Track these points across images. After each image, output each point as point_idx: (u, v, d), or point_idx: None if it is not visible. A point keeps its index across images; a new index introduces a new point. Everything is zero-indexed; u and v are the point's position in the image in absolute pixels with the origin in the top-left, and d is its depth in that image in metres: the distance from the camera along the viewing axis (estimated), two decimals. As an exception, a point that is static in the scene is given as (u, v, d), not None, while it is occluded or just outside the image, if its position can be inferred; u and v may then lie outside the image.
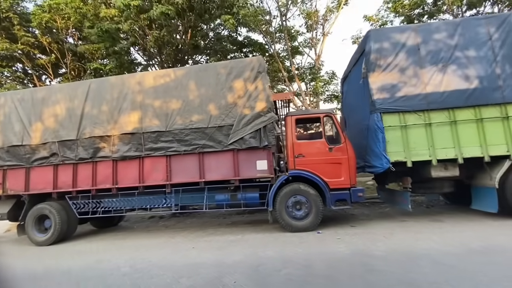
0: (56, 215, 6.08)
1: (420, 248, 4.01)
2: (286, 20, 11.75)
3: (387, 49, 5.57)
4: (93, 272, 4.12)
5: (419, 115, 5.35)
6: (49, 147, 6.29)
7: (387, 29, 6.28)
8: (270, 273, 3.52)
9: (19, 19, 11.29)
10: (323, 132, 5.73)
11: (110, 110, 6.18)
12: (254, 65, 5.84)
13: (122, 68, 11.37)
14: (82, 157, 6.12)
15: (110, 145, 6.08)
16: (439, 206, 7.42)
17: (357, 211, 7.33)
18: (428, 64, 5.44)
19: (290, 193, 5.50)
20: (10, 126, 6.51)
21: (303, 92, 12.19)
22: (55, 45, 11.98)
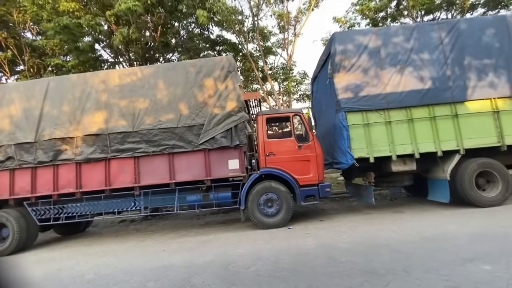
0: (14, 223, 5.67)
1: (381, 238, 4.29)
2: (259, 20, 11.87)
3: (350, 51, 5.85)
4: (53, 281, 3.91)
5: (380, 113, 5.69)
6: (4, 150, 5.84)
7: (351, 32, 6.60)
8: (239, 270, 3.57)
9: (-32, 11, 10.28)
10: (292, 131, 5.90)
11: (72, 110, 5.86)
12: (224, 64, 5.85)
13: (87, 65, 10.78)
14: (41, 161, 5.75)
15: (73, 147, 5.78)
16: (401, 198, 7.94)
17: (327, 205, 7.64)
18: (387, 65, 5.80)
19: (261, 191, 5.60)
20: (-42, 128, 5.94)
21: (275, 91, 12.39)
22: (11, 40, 11.06)
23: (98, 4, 9.25)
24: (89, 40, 10.53)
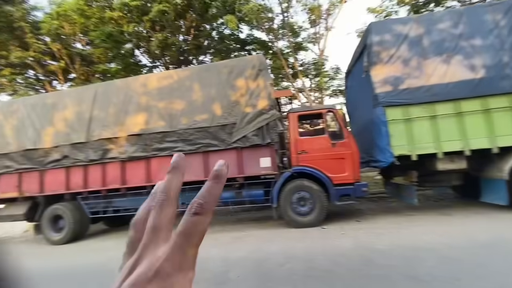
0: (69, 215, 6.34)
1: (425, 242, 3.98)
2: (289, 16, 11.70)
3: (388, 41, 5.49)
4: (106, 268, 4.29)
5: (423, 107, 5.26)
6: (60, 150, 6.53)
7: (389, 21, 6.18)
8: (273, 267, 3.58)
9: (30, 27, 11.68)
10: (325, 128, 5.73)
11: (117, 113, 6.36)
12: (255, 63, 5.88)
13: (128, 70, 11.62)
14: (92, 159, 6.33)
15: (118, 147, 6.27)
16: (448, 199, 7.27)
17: (364, 206, 7.29)
18: (431, 55, 5.33)
19: (294, 189, 5.54)
20: (24, 131, 6.79)
21: (307, 88, 12.12)
22: (64, 51, 12.35)
23: (138, 12, 9.93)
24: (130, 47, 11.34)
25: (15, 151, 6.77)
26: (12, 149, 6.79)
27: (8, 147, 6.83)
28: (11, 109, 7.05)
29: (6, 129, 6.94)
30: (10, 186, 6.81)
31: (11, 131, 6.90)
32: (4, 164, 6.82)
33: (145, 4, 10.05)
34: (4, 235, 8.84)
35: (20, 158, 6.73)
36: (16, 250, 6.64)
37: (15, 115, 6.96)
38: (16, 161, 6.75)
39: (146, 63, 13.01)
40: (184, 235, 0.25)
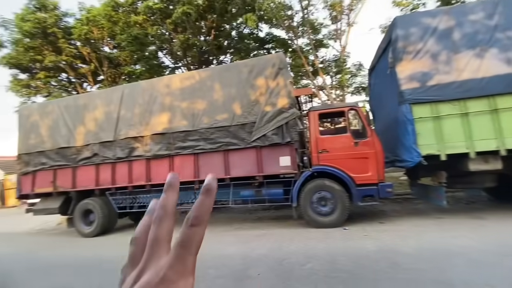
0: (99, 210, 6.71)
1: (456, 246, 3.78)
2: (309, 13, 11.50)
3: (415, 35, 5.24)
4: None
5: (454, 104, 4.97)
6: (91, 148, 6.92)
7: (416, 14, 5.88)
8: (293, 267, 3.57)
9: (62, 33, 12.46)
10: (347, 127, 5.59)
11: (142, 113, 6.62)
12: (275, 61, 5.86)
13: (151, 71, 12.04)
14: (119, 157, 6.65)
15: (143, 145, 6.53)
16: (481, 202, 6.83)
17: (388, 207, 7.04)
18: (463, 48, 5.02)
19: (314, 189, 5.47)
20: (58, 130, 7.28)
21: (327, 86, 11.87)
22: (93, 55, 13.05)
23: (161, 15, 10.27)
24: (153, 49, 11.75)
25: (50, 149, 7.27)
26: (48, 147, 7.29)
27: (44, 145, 7.35)
28: (46, 110, 7.57)
29: (42, 129, 7.47)
30: (45, 181, 7.32)
31: (47, 130, 7.42)
32: (40, 161, 7.35)
33: (167, 7, 10.36)
34: (39, 227, 9.53)
35: (55, 155, 7.21)
36: (51, 241, 7.14)
37: (50, 115, 7.47)
38: (51, 158, 7.25)
39: (168, 64, 13.43)
40: (183, 245, 0.28)
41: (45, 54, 12.40)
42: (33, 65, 13.02)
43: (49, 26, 12.23)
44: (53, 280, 3.95)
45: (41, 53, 12.57)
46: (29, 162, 7.46)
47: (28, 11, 12.36)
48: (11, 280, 4.11)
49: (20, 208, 13.55)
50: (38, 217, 8.54)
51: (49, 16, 12.37)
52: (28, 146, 7.51)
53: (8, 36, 12.68)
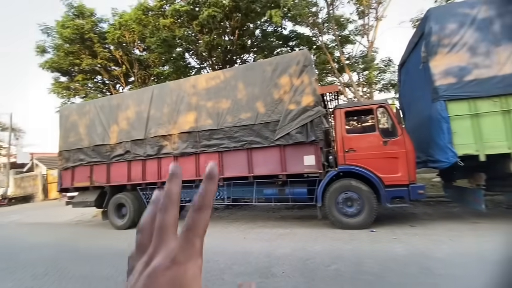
0: (131, 204, 7.11)
1: (493, 253, 3.50)
2: (334, 9, 11.20)
3: (451, 27, 4.90)
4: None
5: (495, 101, 4.59)
6: (123, 145, 7.35)
7: (451, 5, 5.48)
8: (318, 267, 3.54)
9: (98, 37, 13.31)
10: (376, 125, 5.39)
11: (170, 112, 6.90)
12: (299, 59, 5.80)
13: (178, 72, 12.46)
14: (149, 154, 6.99)
15: (171, 143, 6.81)
16: (526, 207, 6.24)
17: (419, 210, 6.68)
18: (505, 40, 4.61)
19: (340, 189, 5.35)
20: (94, 129, 7.81)
21: (354, 83, 11.48)
22: (125, 57, 13.80)
23: (187, 17, 10.61)
24: (180, 50, 12.16)
25: (87, 146, 7.83)
26: (85, 145, 7.86)
27: (82, 143, 7.93)
28: (84, 110, 8.15)
29: (80, 128, 8.07)
30: (83, 176, 7.91)
31: (84, 129, 7.99)
32: (78, 157, 7.94)
33: (193, 9, 10.66)
34: (77, 218, 10.31)
35: (91, 152, 7.76)
36: (87, 232, 7.70)
37: (87, 115, 8.04)
38: (88, 155, 7.80)
39: (194, 65, 13.82)
40: (190, 229, 0.29)
41: (82, 58, 13.34)
42: (72, 69, 14.07)
43: (86, 31, 13.13)
44: (87, 268, 4.26)
45: (79, 57, 13.54)
46: (69, 158, 8.10)
47: (68, 18, 13.37)
48: (53, 267, 4.51)
49: (61, 200, 14.76)
50: (76, 209, 9.24)
51: (86, 23, 13.27)
52: (68, 143, 8.15)
53: (51, 42, 13.82)
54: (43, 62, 13.62)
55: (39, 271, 4.29)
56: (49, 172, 21.16)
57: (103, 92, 15.00)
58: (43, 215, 12.25)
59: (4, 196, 19.29)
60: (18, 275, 4.18)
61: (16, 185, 22.34)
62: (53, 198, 19.94)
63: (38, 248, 6.00)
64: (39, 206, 16.37)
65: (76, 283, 3.71)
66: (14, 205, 18.83)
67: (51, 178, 20.68)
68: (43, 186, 21.26)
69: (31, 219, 11.33)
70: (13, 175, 22.66)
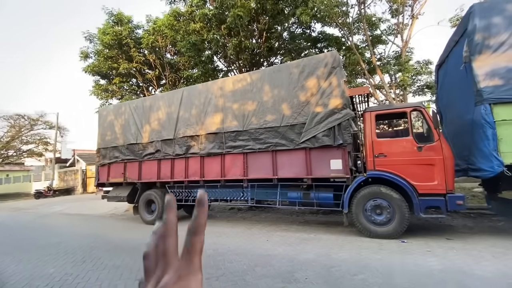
0: (159, 200, 7.43)
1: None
2: (365, 7, 10.76)
3: (498, 25, 4.48)
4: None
5: (551, 104, 4.10)
6: (154, 145, 7.71)
7: (498, 1, 4.98)
8: (343, 275, 3.41)
9: (134, 43, 14.16)
10: (410, 129, 5.09)
11: (198, 113, 7.11)
12: (328, 60, 5.67)
13: (207, 75, 12.80)
14: (177, 153, 7.26)
15: (198, 143, 7.01)
16: None
17: (457, 222, 6.16)
18: None
19: (368, 196, 5.12)
20: (128, 128, 8.30)
21: (386, 84, 10.92)
22: (158, 61, 14.51)
23: (216, 21, 10.90)
24: (209, 53, 12.49)
25: (122, 144, 8.34)
26: (120, 143, 8.38)
27: (117, 141, 8.46)
28: (120, 111, 8.70)
29: (116, 127, 8.62)
30: (117, 173, 8.43)
31: (120, 128, 8.53)
32: (114, 155, 8.48)
33: (221, 13, 10.90)
34: (111, 212, 11.00)
35: (125, 150, 8.25)
36: (119, 225, 8.17)
37: (122, 115, 8.57)
38: (122, 153, 8.31)
39: (222, 67, 14.11)
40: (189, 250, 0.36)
41: (120, 62, 14.25)
42: (111, 72, 15.09)
43: (124, 37, 14.02)
44: (119, 260, 4.52)
45: (117, 61, 14.48)
46: (106, 156, 8.69)
47: (108, 25, 14.38)
48: (90, 256, 4.84)
49: (97, 194, 15.88)
50: (111, 203, 9.87)
51: (124, 29, 14.18)
52: (105, 141, 8.75)
53: (92, 48, 14.97)
54: (86, 66, 14.79)
55: (78, 259, 4.64)
56: (88, 168, 22.88)
57: (137, 94, 15.89)
58: (81, 207, 13.27)
59: (50, 188, 21.22)
60: (60, 262, 4.56)
61: (60, 179, 24.48)
62: (91, 191, 21.51)
63: (77, 237, 6.50)
64: (78, 199, 17.76)
65: (109, 272, 3.95)
66: (58, 196, 20.62)
67: (89, 173, 22.34)
68: (83, 180, 23.03)
69: (72, 210, 12.33)
70: (57, 169, 24.88)
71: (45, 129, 27.16)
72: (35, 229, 8.19)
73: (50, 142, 27.13)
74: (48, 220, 9.97)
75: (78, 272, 4.01)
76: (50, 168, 25.60)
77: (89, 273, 3.95)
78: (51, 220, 10.10)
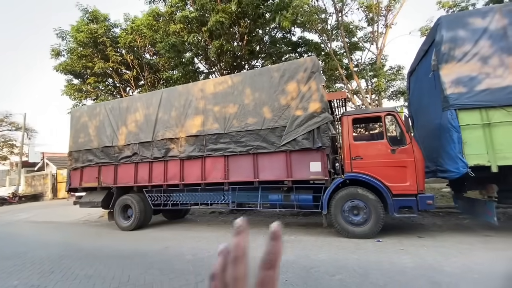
0: (136, 206, 7.16)
1: (508, 268, 3.37)
2: (343, 15, 11.20)
3: (462, 36, 4.84)
4: (163, 256, 4.74)
5: (509, 111, 4.47)
6: (131, 147, 7.44)
7: (463, 14, 5.40)
8: (322, 276, 3.47)
9: (110, 42, 13.64)
10: (384, 132, 5.33)
11: (178, 115, 6.97)
12: (307, 65, 5.80)
13: (188, 76, 12.61)
14: (156, 156, 7.06)
15: (178, 146, 6.86)
16: (541, 221, 6.03)
17: (427, 221, 6.51)
18: (520, 50, 4.52)
19: (346, 197, 5.27)
20: (104, 130, 7.95)
21: (362, 90, 11.40)
22: (136, 61, 14.07)
23: (197, 23, 10.80)
24: (190, 55, 12.32)
25: (96, 147, 7.96)
26: (94, 146, 8.00)
27: (91, 144, 8.07)
28: (94, 112, 8.32)
29: (90, 129, 8.22)
30: (91, 177, 8.03)
31: (94, 130, 8.15)
32: (87, 158, 8.08)
33: (202, 15, 10.83)
34: (84, 218, 10.44)
35: (100, 153, 7.88)
36: (93, 232, 7.77)
37: (97, 117, 8.20)
38: (97, 156, 7.93)
39: (203, 69, 13.96)
40: (261, 284, 0.35)
41: (95, 61, 13.65)
42: (85, 71, 14.41)
43: (100, 36, 13.46)
44: (91, 269, 4.29)
45: (92, 60, 13.87)
46: (78, 159, 8.25)
47: (83, 23, 13.74)
48: (59, 266, 4.55)
49: (69, 200, 15.00)
50: (84, 209, 9.37)
51: (100, 27, 13.62)
52: (78, 144, 8.32)
53: (65, 46, 14.21)
54: (57, 64, 14.00)
55: (45, 269, 4.34)
56: (59, 172, 21.59)
57: (113, 94, 15.28)
58: (51, 213, 12.46)
59: (15, 194, 19.75)
60: (25, 273, 4.24)
61: (27, 184, 22.87)
62: (62, 197, 20.29)
63: (45, 246, 6.08)
64: (47, 205, 16.67)
65: (80, 282, 3.73)
66: (24, 203, 19.25)
67: (60, 178, 21.09)
68: (53, 185, 21.68)
69: (40, 218, 11.54)
70: (24, 174, 23.22)
71: (10, 130, 25.35)
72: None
73: (16, 145, 25.32)
74: (13, 229, 9.26)
75: (45, 284, 3.75)
76: (16, 172, 23.82)
77: (58, 284, 3.71)
78: (16, 228, 9.38)
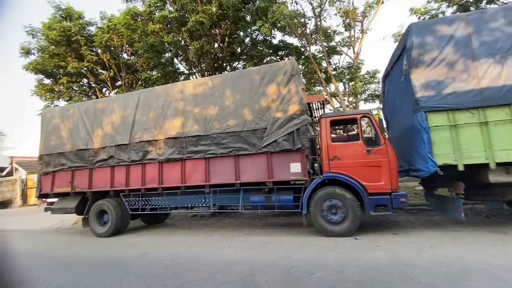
0: (113, 211, 6.89)
1: (474, 261, 3.62)
2: (321, 20, 11.49)
3: (431, 43, 5.14)
4: (141, 262, 4.60)
5: (473, 113, 4.80)
6: (107, 150, 7.16)
7: (431, 21, 5.75)
8: (301, 275, 3.52)
9: (85, 40, 13.07)
10: (360, 134, 5.52)
11: (157, 117, 6.80)
12: (287, 68, 5.90)
13: (167, 77, 12.36)
14: (133, 159, 6.84)
15: (156, 149, 6.69)
16: (503, 216, 6.50)
17: (401, 218, 6.82)
18: (482, 56, 4.87)
19: (325, 197, 5.40)
20: (77, 132, 7.59)
21: (340, 92, 11.74)
22: (112, 61, 13.58)
23: (177, 24, 10.63)
24: (169, 56, 12.09)
25: (69, 150, 7.58)
26: (67, 149, 7.61)
27: (64, 147, 7.68)
28: (67, 114, 7.92)
29: (63, 131, 7.82)
30: (64, 182, 7.63)
31: (67, 133, 7.75)
32: (60, 162, 7.67)
33: (182, 15, 10.68)
34: (57, 225, 9.89)
35: (74, 157, 7.51)
36: (66, 240, 7.38)
37: (70, 118, 7.82)
38: (70, 159, 7.55)
39: (183, 70, 13.74)
40: None
41: (68, 61, 13.00)
42: (57, 71, 13.69)
43: (73, 34, 12.86)
44: (64, 278, 4.08)
45: (65, 59, 13.20)
46: (50, 163, 7.81)
47: (55, 20, 13.07)
48: (28, 276, 4.28)
49: (40, 206, 14.16)
50: (56, 216, 8.87)
51: (74, 25, 13.01)
52: (49, 147, 7.88)
53: (35, 44, 13.44)
54: (27, 63, 13.20)
55: (13, 281, 4.05)
56: (29, 177, 20.32)
57: (88, 95, 14.63)
58: (21, 221, 11.69)
59: (-22, 202, 18.32)
60: (-13, 287, 3.94)
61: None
62: (32, 204, 19.10)
63: (14, 256, 5.68)
64: (17, 212, 15.63)
65: (50, 294, 3.53)
66: (-11, 211, 17.88)
67: (30, 183, 19.85)
68: (22, 191, 20.36)
69: (8, 226, 10.78)
70: (-11, 180, 21.60)
71: (-27, 133, 23.51)
72: (-43, 251, 6.97)
73: (-20, 149, 23.53)
74: (-25, 239, 8.57)
75: (10, 297, 3.50)
76: (-20, 178, 22.11)
77: (25, 297, 3.48)
78: (-22, 239, 8.69)
